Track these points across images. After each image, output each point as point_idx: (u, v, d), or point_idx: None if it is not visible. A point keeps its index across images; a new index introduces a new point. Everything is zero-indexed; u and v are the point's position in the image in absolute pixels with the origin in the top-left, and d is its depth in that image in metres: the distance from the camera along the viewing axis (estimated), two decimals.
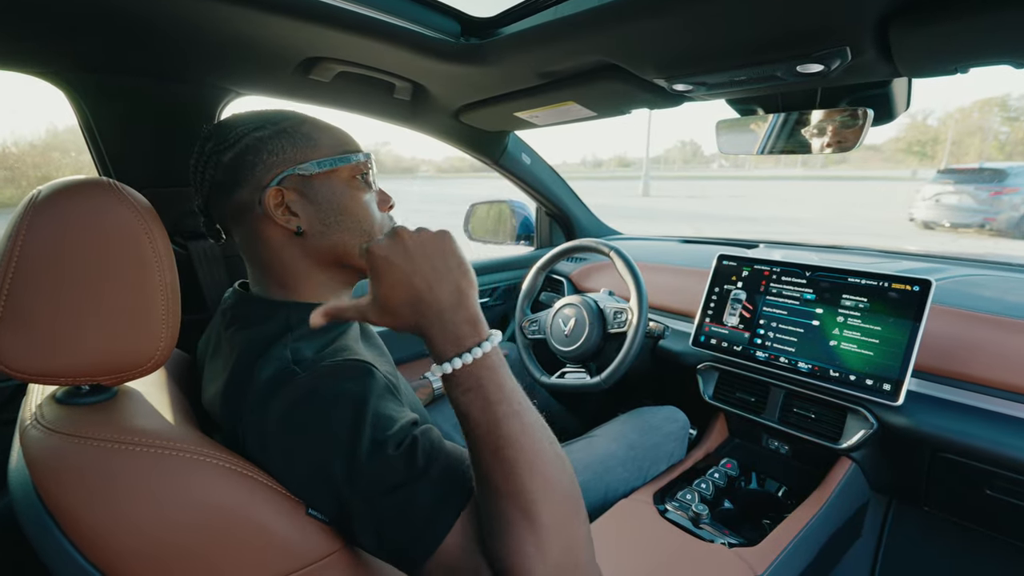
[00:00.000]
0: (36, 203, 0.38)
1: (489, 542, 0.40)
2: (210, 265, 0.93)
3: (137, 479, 0.37)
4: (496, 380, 0.41)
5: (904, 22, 0.55)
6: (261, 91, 0.96)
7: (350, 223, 0.56)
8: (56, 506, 0.36)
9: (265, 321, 0.52)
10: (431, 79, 0.96)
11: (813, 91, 0.84)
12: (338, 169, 0.55)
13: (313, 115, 0.59)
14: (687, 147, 61.56)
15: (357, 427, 0.41)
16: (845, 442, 0.86)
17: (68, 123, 6.67)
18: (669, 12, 0.60)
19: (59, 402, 0.42)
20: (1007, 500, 0.76)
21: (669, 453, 1.00)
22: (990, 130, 26.48)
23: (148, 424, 0.41)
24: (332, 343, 0.50)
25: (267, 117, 0.55)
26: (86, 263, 0.38)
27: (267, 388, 0.44)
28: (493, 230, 1.71)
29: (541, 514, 0.39)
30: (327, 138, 0.56)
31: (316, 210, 0.54)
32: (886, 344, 0.83)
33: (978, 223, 7.21)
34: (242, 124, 0.54)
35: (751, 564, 0.72)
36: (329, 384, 0.44)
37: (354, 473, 0.41)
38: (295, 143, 0.54)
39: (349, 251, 0.56)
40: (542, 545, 0.38)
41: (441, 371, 0.41)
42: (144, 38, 0.72)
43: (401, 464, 0.41)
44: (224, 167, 0.54)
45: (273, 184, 0.52)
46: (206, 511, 0.39)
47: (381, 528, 0.41)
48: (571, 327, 1.08)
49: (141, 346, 0.41)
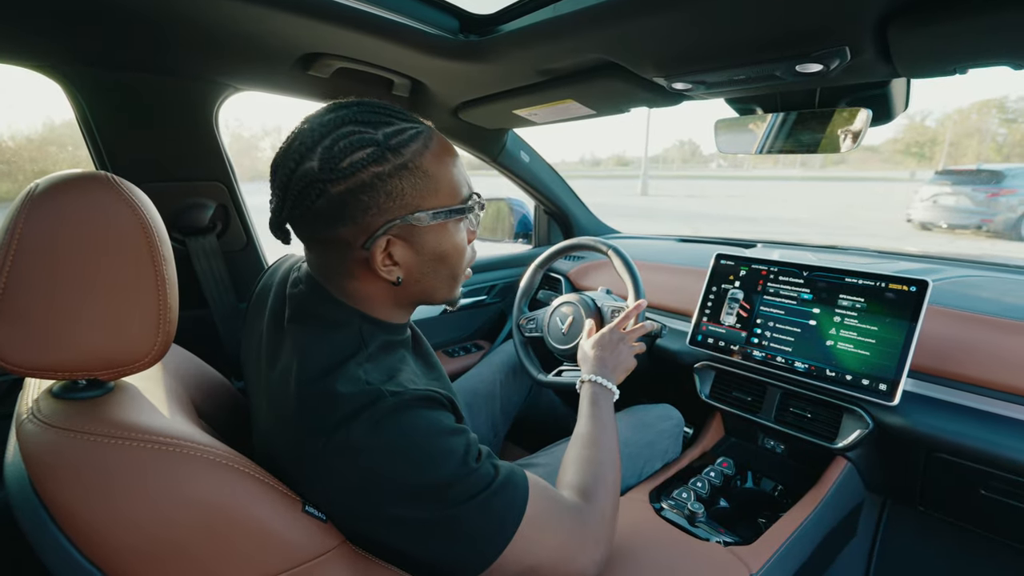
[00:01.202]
0: (34, 197, 0.38)
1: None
2: (208, 260, 0.93)
3: (133, 474, 0.37)
4: (602, 405, 0.76)
5: (904, 22, 0.55)
6: (260, 87, 0.95)
7: (446, 271, 0.55)
8: (52, 501, 0.36)
9: (337, 328, 0.51)
10: (430, 76, 0.96)
11: (812, 91, 0.84)
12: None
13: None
14: (686, 146, 61.55)
15: (444, 449, 0.46)
16: (841, 442, 0.86)
17: (65, 117, 6.59)
18: (669, 10, 0.60)
19: (56, 396, 0.42)
20: (1002, 500, 0.76)
21: (664, 451, 1.00)
22: (988, 132, 26.54)
23: (145, 419, 0.41)
24: (399, 372, 0.51)
25: (387, 142, 0.47)
26: (83, 257, 0.38)
27: (351, 405, 0.44)
28: (491, 227, 1.71)
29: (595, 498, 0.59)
30: (448, 178, 0.51)
31: (419, 260, 0.52)
32: (882, 344, 0.83)
33: (975, 224, 7.23)
34: (359, 148, 0.46)
35: (746, 562, 0.73)
36: (417, 408, 0.47)
37: (442, 489, 0.44)
38: (415, 184, 0.48)
39: (436, 294, 0.57)
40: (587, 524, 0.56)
41: (580, 379, 0.81)
42: (142, 32, 0.71)
43: (479, 475, 0.46)
44: (331, 199, 0.46)
45: (382, 233, 0.48)
46: (202, 507, 0.39)
47: (466, 530, 0.45)
48: (568, 325, 1.08)
49: (138, 341, 0.41)
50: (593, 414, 0.74)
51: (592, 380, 0.80)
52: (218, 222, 0.95)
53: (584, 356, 0.88)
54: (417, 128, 0.51)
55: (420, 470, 0.44)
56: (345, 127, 0.47)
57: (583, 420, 0.74)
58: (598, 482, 0.61)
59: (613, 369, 0.84)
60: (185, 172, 0.90)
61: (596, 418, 0.73)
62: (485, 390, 1.15)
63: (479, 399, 1.13)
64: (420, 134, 0.50)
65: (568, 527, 0.53)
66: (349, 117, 0.48)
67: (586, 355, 0.88)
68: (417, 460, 0.44)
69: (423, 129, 0.51)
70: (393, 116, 0.51)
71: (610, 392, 0.79)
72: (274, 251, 0.74)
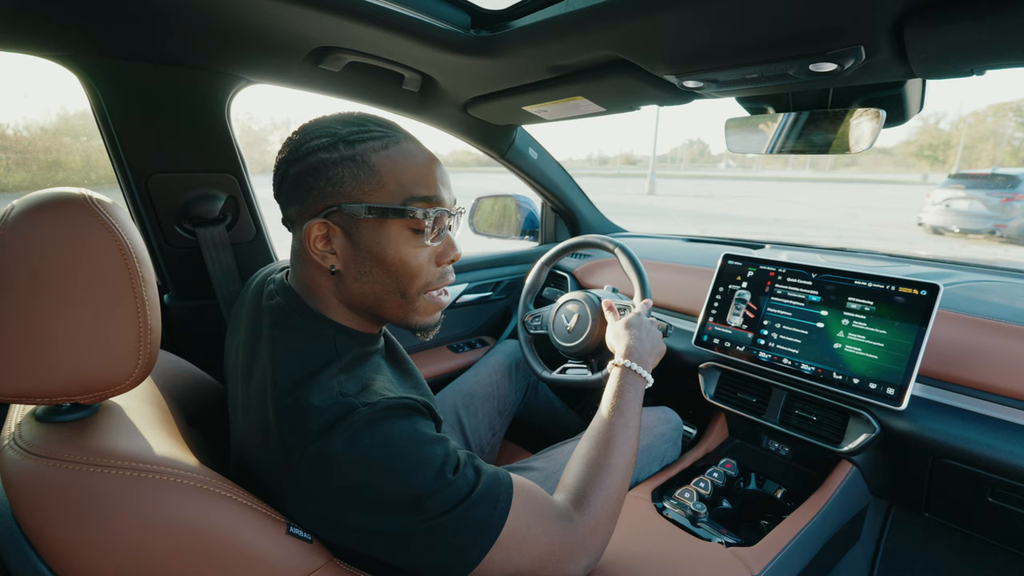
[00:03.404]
0: (8, 220, 0.37)
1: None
2: (218, 251, 0.94)
3: (114, 502, 0.37)
4: (630, 396, 0.71)
5: (920, 21, 0.54)
6: (272, 80, 0.96)
7: (390, 281, 0.53)
8: (31, 530, 0.36)
9: (310, 339, 0.52)
10: (440, 71, 0.96)
11: (825, 90, 0.83)
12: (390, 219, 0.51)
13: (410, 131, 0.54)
14: (694, 146, 61.10)
15: (421, 459, 0.45)
16: (846, 445, 0.86)
17: (79, 108, 6.52)
18: (681, 7, 0.59)
19: (39, 420, 0.41)
20: (1010, 508, 0.75)
21: (662, 455, 1.00)
22: (1004, 135, 26.10)
23: (128, 444, 0.40)
24: (373, 382, 0.51)
25: (346, 135, 0.51)
26: (61, 281, 0.38)
27: (325, 417, 0.44)
28: (498, 224, 1.71)
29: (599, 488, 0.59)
30: (396, 178, 0.51)
31: (355, 255, 0.52)
32: (891, 348, 0.82)
33: (988, 229, 7.13)
34: (317, 137, 0.51)
35: (748, 564, 0.73)
36: (393, 419, 0.46)
37: (418, 501, 0.44)
38: (358, 176, 0.50)
39: (385, 307, 0.54)
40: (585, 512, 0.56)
41: (613, 363, 0.77)
42: (159, 24, 0.72)
43: (456, 486, 0.46)
44: (290, 180, 0.52)
45: (320, 216, 0.50)
46: (185, 533, 0.38)
47: (444, 541, 0.45)
48: (574, 323, 1.08)
49: (119, 364, 0.40)
50: (616, 406, 0.69)
51: (626, 366, 0.74)
52: (228, 213, 0.96)
53: (616, 336, 0.83)
54: (385, 132, 0.52)
55: (396, 482, 0.44)
56: (323, 127, 0.52)
57: (604, 413, 0.69)
58: (598, 489, 0.58)
59: (648, 352, 0.79)
60: (197, 163, 0.91)
61: (619, 412, 0.68)
62: (482, 390, 1.15)
63: (476, 399, 1.13)
64: (385, 137, 0.51)
65: (552, 537, 0.51)
66: (332, 120, 0.53)
67: (619, 336, 0.82)
68: (393, 472, 0.44)
69: (392, 135, 0.52)
70: (370, 123, 0.53)
71: (643, 380, 0.74)
72: (283, 243, 0.75)
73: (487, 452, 1.12)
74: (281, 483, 0.45)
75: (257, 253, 1.02)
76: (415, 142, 0.54)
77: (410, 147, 0.53)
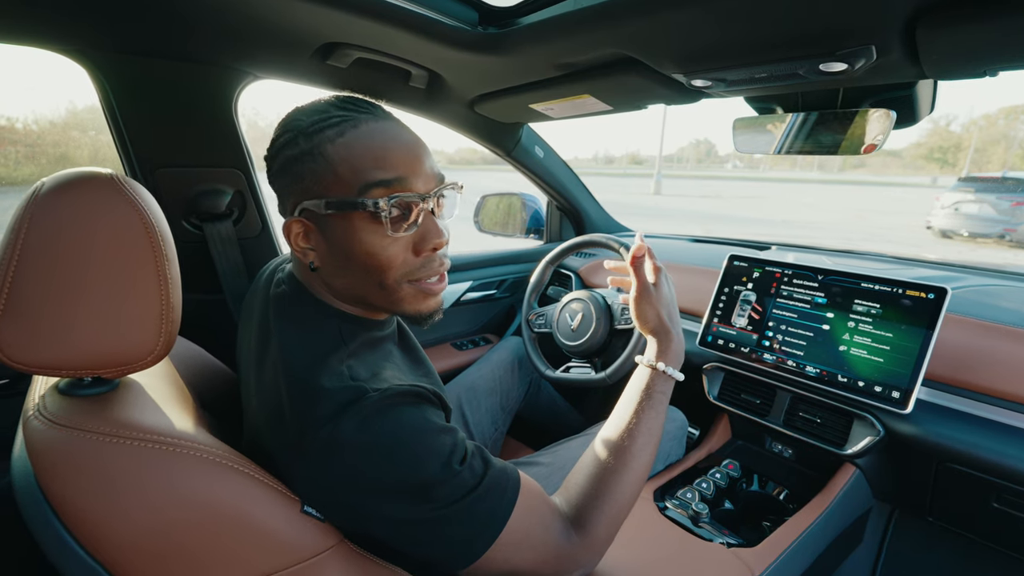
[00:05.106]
0: (38, 197, 0.38)
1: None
2: (225, 246, 0.94)
3: (134, 473, 0.38)
4: (654, 401, 0.63)
5: (933, 21, 0.53)
6: (279, 75, 0.96)
7: (361, 273, 0.51)
8: (55, 497, 0.37)
9: (316, 326, 0.52)
10: (447, 67, 0.96)
11: (835, 90, 0.82)
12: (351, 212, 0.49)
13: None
14: (701, 146, 60.80)
15: (429, 448, 0.45)
16: (850, 448, 0.85)
17: (87, 102, 6.53)
18: (690, 6, 0.59)
19: (62, 393, 0.42)
20: (1014, 514, 0.75)
21: (666, 453, 1.00)
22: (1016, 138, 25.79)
23: (147, 418, 0.41)
24: (383, 368, 0.51)
25: (306, 127, 0.48)
26: (87, 257, 0.39)
27: (336, 401, 0.44)
28: (503, 222, 1.71)
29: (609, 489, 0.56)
30: (352, 164, 0.47)
31: (329, 251, 0.51)
32: (897, 351, 0.82)
33: (998, 233, 7.05)
34: (283, 133, 0.50)
35: (749, 565, 0.72)
36: (402, 406, 0.46)
37: (424, 489, 0.44)
38: (315, 171, 0.48)
39: (363, 295, 0.53)
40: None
41: (648, 363, 0.66)
42: (168, 19, 0.72)
43: (463, 477, 0.46)
44: (270, 178, 0.53)
45: (294, 215, 0.50)
46: (202, 506, 0.39)
47: (449, 530, 0.45)
48: (578, 322, 1.08)
49: (141, 340, 0.41)
50: (640, 411, 0.61)
51: (659, 369, 0.64)
52: (235, 209, 0.97)
53: (651, 322, 0.69)
54: (343, 117, 0.48)
55: (404, 469, 0.44)
56: (290, 120, 0.51)
57: (624, 414, 0.62)
58: (604, 508, 0.55)
59: (680, 341, 0.68)
60: (204, 158, 0.91)
61: (643, 423, 0.60)
62: (485, 386, 1.15)
63: (479, 394, 1.13)
64: (344, 122, 0.48)
65: (547, 547, 0.51)
66: (300, 111, 0.51)
67: (657, 321, 0.68)
68: (401, 459, 0.44)
69: (350, 118, 0.48)
70: (332, 108, 0.50)
71: (672, 381, 0.65)
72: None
73: (489, 446, 1.12)
74: (293, 463, 0.45)
75: (263, 248, 1.03)
76: (380, 120, 0.49)
77: (370, 128, 0.48)
